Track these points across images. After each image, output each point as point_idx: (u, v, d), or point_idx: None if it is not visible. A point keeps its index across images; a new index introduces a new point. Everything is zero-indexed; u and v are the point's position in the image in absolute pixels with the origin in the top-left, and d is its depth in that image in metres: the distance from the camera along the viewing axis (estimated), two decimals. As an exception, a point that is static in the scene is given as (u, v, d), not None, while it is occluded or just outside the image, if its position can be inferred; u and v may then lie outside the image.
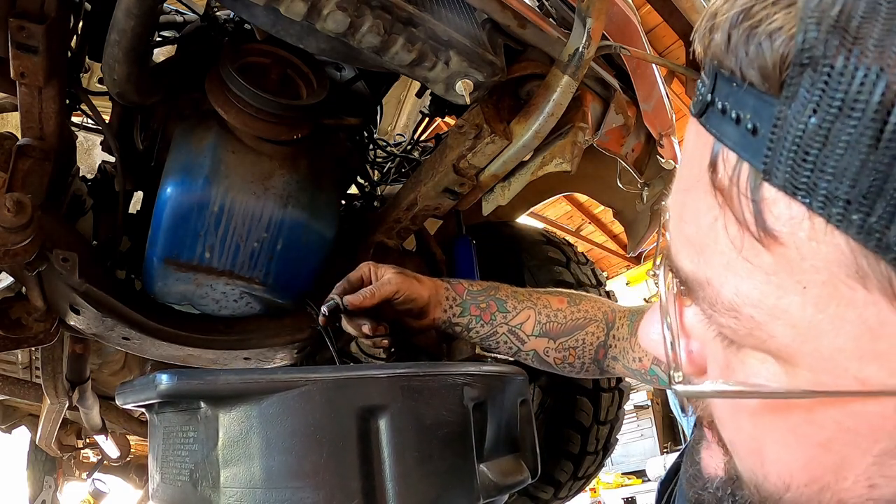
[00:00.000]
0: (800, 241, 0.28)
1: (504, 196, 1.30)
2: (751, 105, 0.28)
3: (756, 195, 0.29)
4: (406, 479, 0.56)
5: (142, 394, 0.57)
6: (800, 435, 0.34)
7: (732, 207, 0.30)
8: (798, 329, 0.30)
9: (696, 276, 0.34)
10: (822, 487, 0.35)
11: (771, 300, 0.30)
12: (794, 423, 0.34)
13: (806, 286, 0.29)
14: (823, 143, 0.25)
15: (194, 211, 1.15)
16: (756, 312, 0.31)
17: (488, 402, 0.68)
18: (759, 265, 0.30)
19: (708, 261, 0.33)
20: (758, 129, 0.28)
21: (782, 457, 0.35)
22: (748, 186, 0.29)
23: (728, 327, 0.33)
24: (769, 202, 0.28)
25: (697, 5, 1.15)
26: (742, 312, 0.32)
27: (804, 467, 0.34)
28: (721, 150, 0.31)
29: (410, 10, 0.93)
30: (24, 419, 2.72)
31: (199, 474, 0.56)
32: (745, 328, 0.32)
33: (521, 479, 0.70)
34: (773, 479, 0.37)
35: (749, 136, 0.28)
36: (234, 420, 0.55)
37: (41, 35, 0.95)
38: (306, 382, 0.55)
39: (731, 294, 0.32)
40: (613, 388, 1.81)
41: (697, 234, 0.33)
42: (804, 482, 0.35)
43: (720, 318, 0.33)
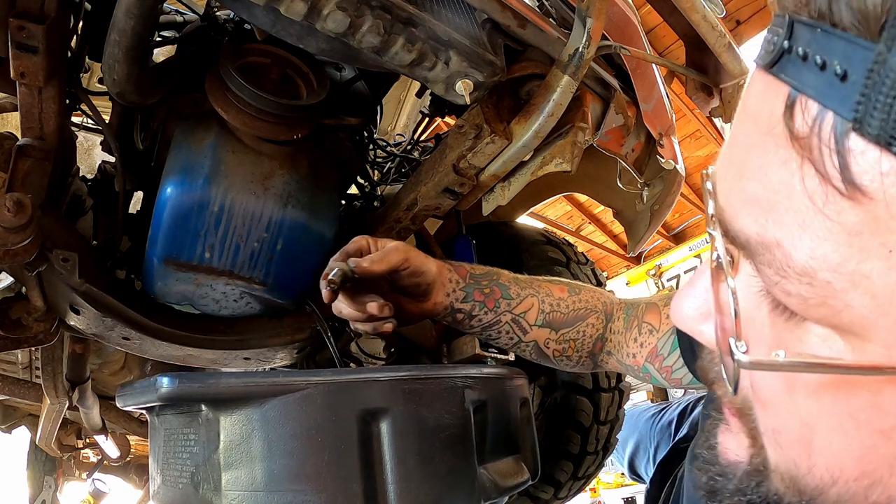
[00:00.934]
0: (889, 198, 0.25)
1: (504, 196, 1.30)
2: (840, 50, 0.26)
3: (841, 146, 0.26)
4: (407, 482, 0.56)
5: (142, 396, 0.57)
6: (861, 421, 0.31)
7: (812, 159, 0.27)
8: (878, 299, 0.27)
9: (763, 237, 0.31)
10: (874, 482, 0.33)
11: (852, 264, 0.27)
12: (857, 407, 0.31)
13: (892, 249, 0.26)
14: None
15: (194, 211, 1.15)
16: (833, 278, 0.28)
17: (489, 403, 0.68)
18: (842, 223, 0.27)
19: (779, 220, 0.30)
20: (848, 75, 0.25)
21: (835, 445, 0.33)
22: (832, 137, 0.26)
23: (797, 296, 0.30)
24: (857, 154, 0.26)
25: (697, 5, 1.15)
26: (817, 278, 0.29)
27: (859, 458, 0.32)
28: (799, 98, 0.28)
29: (410, 10, 0.93)
30: (24, 419, 2.72)
31: (200, 477, 0.56)
32: (819, 296, 0.29)
33: (521, 481, 0.70)
34: (820, 471, 0.34)
35: (837, 82, 0.26)
36: (235, 423, 0.55)
37: (41, 35, 0.95)
38: (307, 385, 0.55)
39: (806, 257, 0.29)
40: (613, 388, 1.81)
41: (766, 192, 0.30)
42: (855, 476, 0.33)
43: (788, 286, 0.30)
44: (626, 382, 1.88)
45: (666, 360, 0.88)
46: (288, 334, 1.38)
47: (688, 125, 7.10)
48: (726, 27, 0.46)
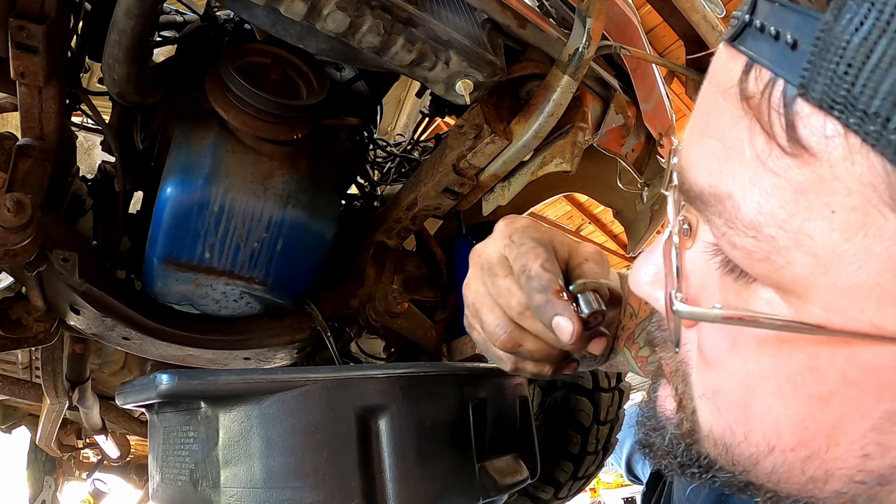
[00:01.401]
0: (833, 159, 0.27)
1: (504, 196, 1.30)
2: (793, 21, 0.27)
3: (789, 110, 0.28)
4: (406, 479, 0.56)
5: (142, 394, 0.57)
6: (799, 384, 0.32)
7: (761, 120, 0.29)
8: (818, 258, 0.28)
9: (716, 189, 0.32)
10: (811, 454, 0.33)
11: (796, 222, 0.28)
12: (795, 370, 0.32)
13: (835, 210, 0.27)
14: (867, 57, 0.25)
15: (194, 211, 1.15)
16: (778, 234, 0.29)
17: (488, 401, 0.68)
18: (788, 180, 0.28)
19: (732, 172, 0.31)
20: (798, 44, 0.27)
21: (773, 410, 0.33)
22: (781, 101, 0.28)
23: (742, 248, 0.31)
24: (802, 117, 0.27)
25: (697, 5, 1.15)
26: (763, 232, 0.30)
27: (796, 425, 0.33)
28: (754, 67, 0.30)
29: (410, 10, 0.93)
30: (24, 419, 2.72)
31: (199, 474, 0.56)
32: (763, 251, 0.30)
33: (521, 479, 0.70)
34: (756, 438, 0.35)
35: (788, 51, 0.28)
36: (234, 420, 0.55)
37: (41, 35, 0.95)
38: (306, 382, 0.55)
39: (754, 210, 0.30)
40: (613, 388, 1.81)
41: (722, 147, 0.32)
42: (791, 445, 0.33)
43: (735, 238, 0.31)
44: (626, 382, 1.88)
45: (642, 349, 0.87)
46: (288, 334, 1.38)
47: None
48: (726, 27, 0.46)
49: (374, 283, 1.44)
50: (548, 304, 0.51)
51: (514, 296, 0.54)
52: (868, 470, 0.32)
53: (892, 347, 0.28)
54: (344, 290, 1.44)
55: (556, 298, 0.51)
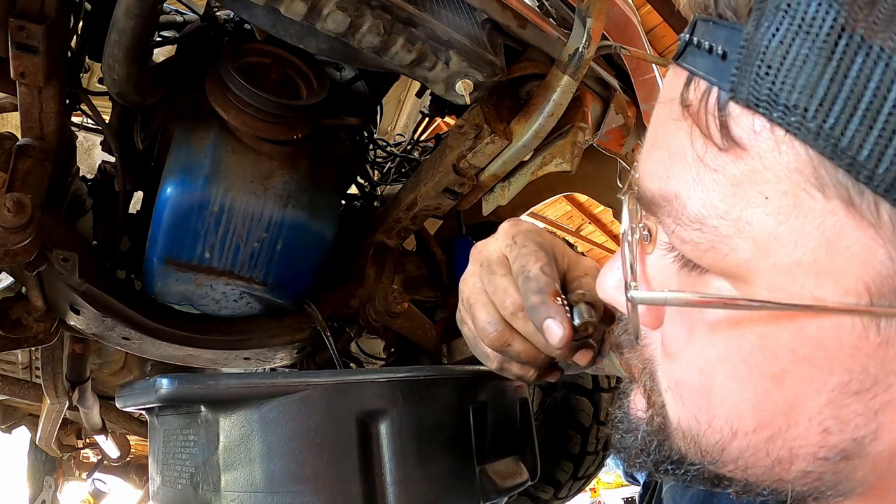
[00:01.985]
0: (763, 151, 0.30)
1: (504, 196, 1.30)
2: (722, 35, 0.31)
3: (723, 112, 0.30)
4: (406, 483, 0.56)
5: (142, 397, 0.57)
6: (752, 365, 0.34)
7: (699, 124, 0.32)
8: (758, 242, 0.31)
9: (664, 191, 0.34)
10: (772, 435, 0.34)
11: (735, 211, 0.31)
12: (747, 351, 0.34)
13: (768, 196, 0.30)
14: (784, 58, 0.28)
15: (194, 211, 1.15)
16: (720, 223, 0.32)
17: (488, 404, 0.68)
18: (725, 175, 0.31)
19: (677, 175, 0.34)
20: (727, 55, 0.30)
21: (732, 394, 0.35)
22: (716, 106, 0.31)
23: (690, 242, 0.33)
24: (734, 118, 0.30)
25: (698, 5, 1.15)
26: (707, 224, 0.32)
27: (754, 406, 0.34)
28: (693, 80, 0.33)
29: (410, 10, 0.93)
30: (24, 419, 2.72)
31: (199, 478, 0.56)
32: (708, 241, 0.32)
33: (521, 481, 0.70)
34: (720, 423, 0.36)
35: (719, 61, 0.31)
36: (234, 424, 0.55)
37: (41, 35, 0.95)
38: (307, 386, 0.55)
39: (698, 206, 0.32)
40: (613, 388, 1.81)
41: (668, 154, 0.35)
42: (753, 427, 0.35)
43: (683, 233, 0.33)
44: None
45: None
46: (288, 334, 1.38)
47: (688, 125, 7.10)
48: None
49: (374, 283, 1.44)
50: (542, 306, 0.52)
51: (509, 295, 0.55)
52: (829, 445, 0.33)
53: (833, 318, 0.30)
54: (344, 290, 1.44)
55: (552, 302, 0.52)
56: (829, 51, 0.27)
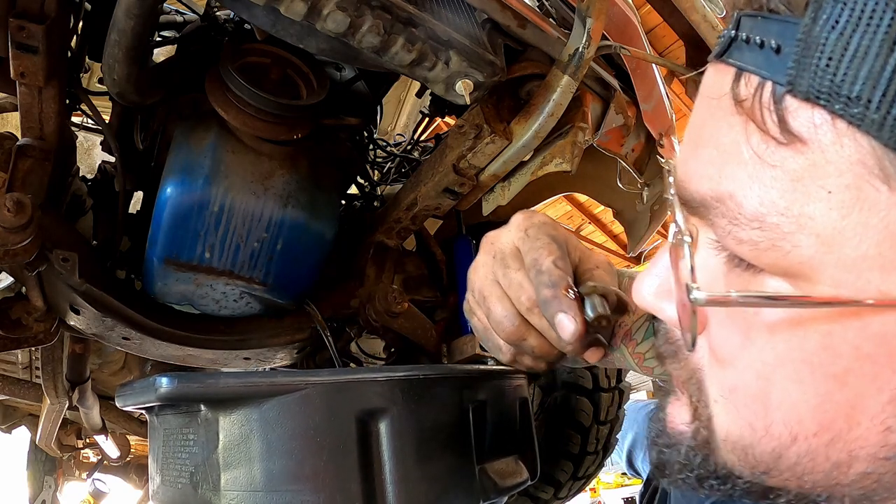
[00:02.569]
0: (824, 145, 0.29)
1: (504, 196, 1.30)
2: (775, 29, 0.30)
3: (779, 106, 0.30)
4: (406, 482, 0.56)
5: (141, 396, 0.57)
6: (814, 365, 0.33)
7: (755, 119, 0.31)
8: (822, 237, 0.30)
9: (717, 192, 0.33)
10: (833, 437, 0.33)
11: (797, 207, 0.30)
12: (809, 352, 0.33)
13: (831, 190, 0.29)
14: (844, 50, 0.27)
15: (194, 211, 1.15)
16: (781, 220, 0.31)
17: (488, 403, 0.67)
18: (785, 170, 0.30)
19: (730, 174, 0.33)
20: (781, 48, 0.30)
21: (792, 395, 0.34)
22: (771, 100, 0.30)
23: (749, 241, 0.32)
24: (792, 111, 0.29)
25: (697, 5, 1.15)
26: (766, 221, 0.31)
27: (816, 409, 0.33)
28: (742, 76, 0.32)
29: (410, 10, 0.93)
30: (24, 419, 2.72)
31: (199, 477, 0.56)
32: (769, 239, 0.31)
33: (521, 481, 0.70)
34: (778, 428, 0.35)
35: (773, 55, 0.30)
36: (234, 423, 0.55)
37: (41, 35, 0.95)
38: (306, 386, 0.55)
39: (756, 204, 0.31)
40: (613, 388, 1.81)
41: (718, 153, 0.33)
42: (813, 430, 0.34)
43: (740, 233, 0.32)
44: (626, 382, 1.88)
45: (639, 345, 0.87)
46: (288, 334, 1.38)
47: (688, 125, 7.10)
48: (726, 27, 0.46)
49: (374, 283, 1.44)
50: (554, 300, 0.51)
51: (524, 291, 0.55)
52: (891, 444, 0.32)
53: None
54: (344, 290, 1.44)
55: (563, 295, 0.51)
56: (891, 41, 0.26)
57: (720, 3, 1.22)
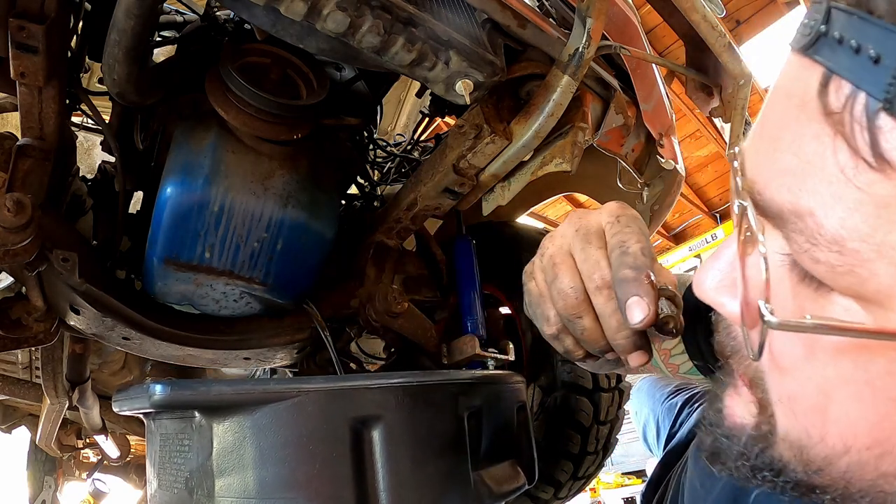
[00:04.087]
0: None
1: (504, 196, 1.30)
2: (875, 36, 0.27)
3: (872, 124, 0.28)
4: (400, 489, 0.56)
5: (136, 403, 0.57)
6: (877, 388, 0.32)
7: (844, 133, 0.29)
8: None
9: (797, 206, 0.32)
10: (885, 452, 0.34)
11: (880, 235, 0.29)
12: (874, 375, 0.32)
13: None
14: None
15: (194, 211, 1.15)
16: (862, 247, 0.29)
17: (484, 409, 0.67)
18: (871, 195, 0.28)
19: (812, 189, 0.31)
20: (881, 59, 0.27)
21: (851, 413, 0.34)
22: (864, 115, 0.28)
23: (826, 263, 0.31)
24: (886, 131, 0.27)
25: (697, 5, 1.15)
26: (846, 247, 0.30)
27: (872, 426, 0.33)
28: (833, 79, 0.30)
29: (410, 10, 0.93)
30: (24, 419, 2.72)
31: (194, 482, 0.56)
32: (847, 264, 0.30)
33: (517, 486, 0.70)
34: (833, 439, 0.35)
35: (870, 64, 0.27)
36: (227, 430, 0.55)
37: (41, 35, 0.95)
38: (299, 393, 0.54)
39: (837, 226, 0.30)
40: (613, 388, 1.81)
41: (799, 163, 0.31)
42: (867, 444, 0.34)
43: (818, 253, 0.31)
44: (626, 382, 1.87)
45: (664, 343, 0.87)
46: (288, 334, 1.38)
47: (688, 125, 7.10)
48: (726, 27, 0.46)
49: (374, 283, 1.44)
50: (634, 282, 0.49)
51: (600, 269, 0.54)
52: None
53: None
54: (344, 290, 1.44)
55: (644, 280, 0.50)
56: None
57: (720, 3, 1.21)
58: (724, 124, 1.30)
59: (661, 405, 1.81)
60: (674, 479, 0.88)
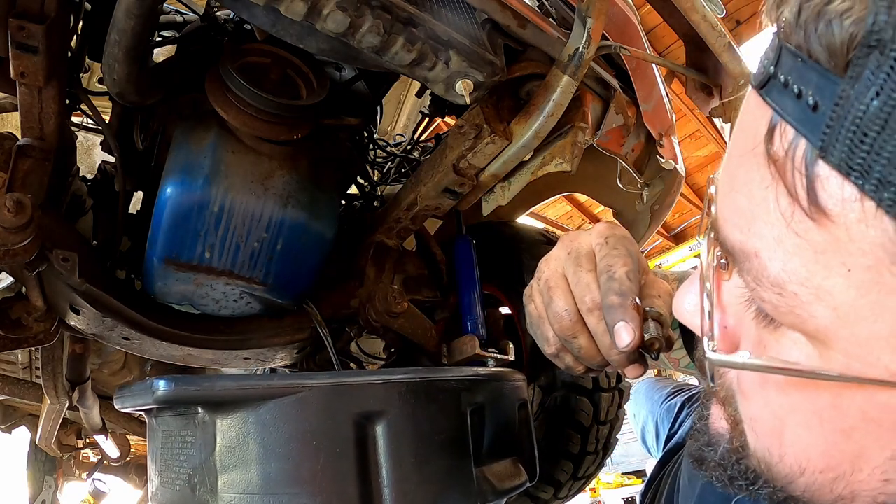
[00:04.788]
0: (849, 222, 0.28)
1: (504, 196, 1.30)
2: (814, 82, 0.28)
3: (810, 171, 0.29)
4: (403, 485, 0.56)
5: (139, 399, 0.57)
6: (824, 419, 0.34)
7: (785, 180, 0.30)
8: (838, 312, 0.30)
9: (745, 247, 0.33)
10: (837, 476, 0.35)
11: (816, 279, 0.30)
12: (820, 407, 0.34)
13: (851, 269, 0.29)
14: (882, 127, 0.25)
15: (194, 211, 1.15)
16: (801, 290, 0.31)
17: (486, 406, 0.67)
18: (809, 241, 0.30)
19: (758, 232, 0.32)
20: (819, 106, 0.28)
21: (803, 439, 0.36)
22: (803, 161, 0.29)
23: (770, 303, 0.33)
24: (822, 179, 0.28)
25: (697, 5, 1.15)
26: (787, 289, 0.31)
27: (823, 453, 0.35)
28: (779, 123, 0.31)
29: (410, 10, 0.93)
30: (24, 419, 2.72)
31: (196, 479, 0.56)
32: (788, 305, 0.32)
33: (519, 483, 0.70)
34: (790, 461, 0.37)
35: (809, 111, 0.28)
36: (230, 426, 0.55)
37: (41, 35, 0.95)
38: (303, 388, 0.54)
39: (779, 269, 0.31)
40: (613, 388, 1.81)
41: (749, 205, 0.33)
42: (820, 468, 0.36)
43: (763, 293, 0.33)
44: (626, 383, 1.87)
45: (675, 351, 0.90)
46: (288, 334, 1.38)
47: (688, 125, 7.10)
48: (726, 27, 0.46)
49: (374, 283, 1.44)
50: (619, 309, 0.53)
51: (590, 292, 0.57)
52: (889, 493, 0.34)
53: None
54: (344, 290, 1.44)
55: (630, 307, 0.53)
56: None
57: (720, 4, 1.21)
58: (724, 124, 1.30)
59: (659, 407, 1.81)
60: (669, 475, 0.89)
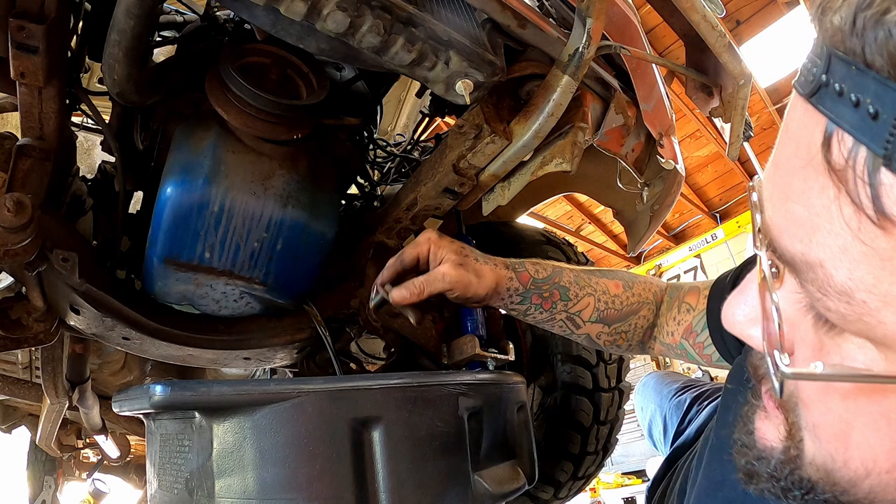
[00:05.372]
0: None
1: (504, 196, 1.30)
2: (872, 90, 0.28)
3: (874, 179, 0.28)
4: (400, 490, 0.56)
5: (136, 403, 0.57)
6: (892, 420, 0.35)
7: (848, 189, 0.30)
8: None
9: (808, 258, 0.33)
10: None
11: (884, 286, 0.30)
12: (889, 408, 0.35)
13: None
14: None
15: (194, 211, 1.14)
16: (869, 298, 0.31)
17: (484, 410, 0.67)
18: (875, 249, 0.30)
19: (822, 242, 0.32)
20: (879, 115, 0.27)
21: (869, 441, 0.36)
22: (865, 170, 0.29)
23: (836, 312, 0.33)
24: (887, 187, 0.28)
25: (697, 5, 1.15)
26: (854, 297, 0.31)
27: (889, 452, 0.36)
28: (836, 131, 0.30)
29: (410, 10, 0.93)
30: (24, 419, 2.72)
31: (194, 483, 0.55)
32: (856, 313, 0.32)
33: (517, 487, 0.70)
34: (855, 464, 0.38)
35: (869, 120, 0.28)
36: (227, 431, 0.55)
37: (41, 35, 0.95)
38: (299, 394, 0.54)
39: (845, 278, 0.31)
40: (613, 388, 1.81)
41: (809, 215, 0.33)
42: (886, 468, 0.36)
43: (828, 302, 0.33)
44: (626, 382, 1.87)
45: (699, 336, 0.93)
46: (288, 334, 1.38)
47: (688, 125, 7.10)
48: (726, 27, 0.46)
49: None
50: None
51: None
52: None
53: None
54: (344, 290, 1.44)
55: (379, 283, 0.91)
56: None
57: (720, 3, 1.21)
58: (724, 124, 1.30)
59: (668, 401, 1.81)
60: (679, 474, 0.89)
